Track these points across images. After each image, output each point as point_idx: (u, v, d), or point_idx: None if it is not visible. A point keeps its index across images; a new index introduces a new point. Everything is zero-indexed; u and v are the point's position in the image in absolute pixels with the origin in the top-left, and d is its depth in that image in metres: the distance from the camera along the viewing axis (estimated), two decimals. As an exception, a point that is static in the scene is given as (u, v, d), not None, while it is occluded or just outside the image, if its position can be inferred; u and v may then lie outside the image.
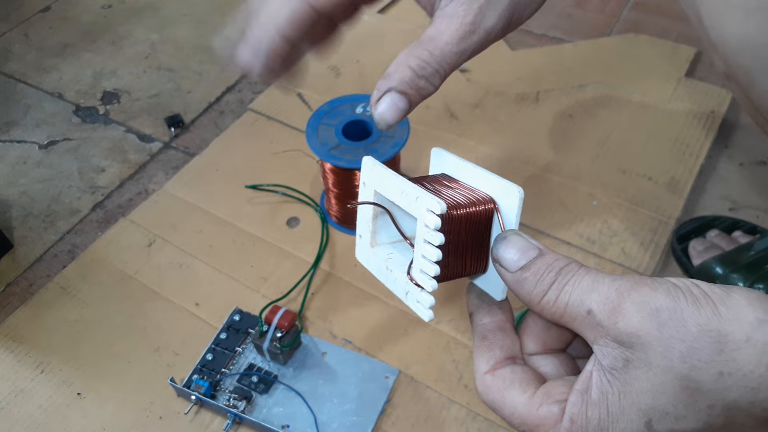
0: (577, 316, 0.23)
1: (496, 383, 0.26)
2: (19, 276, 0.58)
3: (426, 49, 0.29)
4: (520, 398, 0.25)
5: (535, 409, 0.25)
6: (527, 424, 0.25)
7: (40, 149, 0.70)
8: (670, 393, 0.22)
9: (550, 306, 0.24)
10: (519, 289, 0.25)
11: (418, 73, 0.29)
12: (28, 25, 0.88)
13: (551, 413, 0.24)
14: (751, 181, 0.63)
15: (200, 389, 0.47)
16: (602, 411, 0.23)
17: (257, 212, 0.61)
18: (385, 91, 0.30)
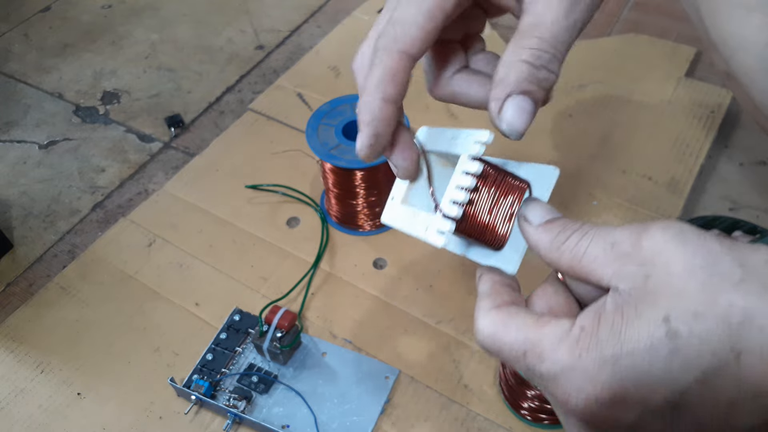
0: (599, 254, 0.24)
1: (501, 315, 0.26)
2: (19, 276, 0.58)
3: (534, 36, 0.27)
4: (527, 319, 0.25)
5: (542, 325, 0.24)
6: (531, 343, 0.24)
7: (40, 149, 0.70)
8: (690, 294, 0.22)
9: (570, 248, 0.25)
10: (540, 242, 0.26)
11: (535, 64, 0.27)
12: (28, 25, 0.88)
13: (560, 326, 0.24)
14: (751, 181, 0.63)
15: (200, 389, 0.47)
16: (616, 317, 0.23)
17: (257, 212, 0.61)
18: (504, 98, 0.28)
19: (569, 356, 0.23)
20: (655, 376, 0.22)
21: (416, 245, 0.58)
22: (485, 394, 0.48)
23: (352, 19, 0.83)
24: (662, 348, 0.22)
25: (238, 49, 0.82)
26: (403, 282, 0.55)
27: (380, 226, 0.59)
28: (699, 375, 0.21)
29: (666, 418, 0.22)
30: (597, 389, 0.22)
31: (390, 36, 0.28)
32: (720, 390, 0.22)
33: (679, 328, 0.22)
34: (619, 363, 0.22)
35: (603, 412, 0.23)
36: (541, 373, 0.24)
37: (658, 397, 0.22)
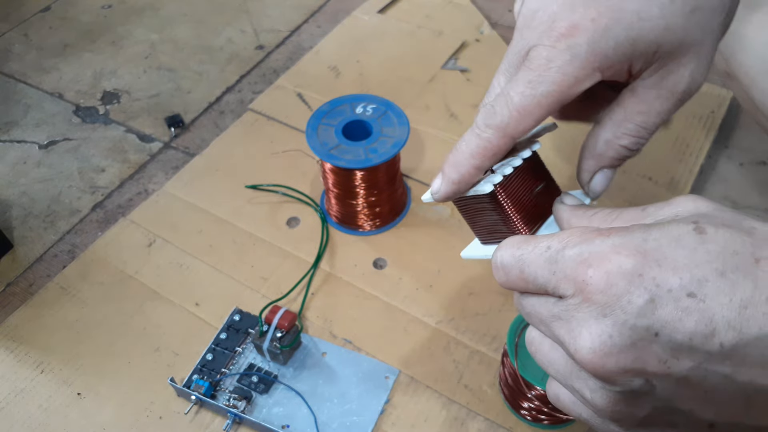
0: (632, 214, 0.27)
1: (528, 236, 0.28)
2: (19, 276, 0.58)
3: (638, 124, 0.29)
4: None
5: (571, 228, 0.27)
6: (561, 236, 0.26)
7: (40, 149, 0.70)
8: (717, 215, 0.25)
9: (601, 216, 0.27)
10: (570, 217, 0.29)
11: (631, 150, 0.30)
12: (28, 25, 0.88)
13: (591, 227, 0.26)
14: (751, 181, 0.63)
15: (200, 389, 0.47)
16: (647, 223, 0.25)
17: (257, 212, 0.61)
18: (596, 171, 0.31)
19: (598, 236, 0.24)
20: (678, 260, 0.23)
21: (416, 245, 0.58)
22: (485, 394, 0.48)
23: (352, 19, 0.83)
24: (689, 239, 0.23)
25: (238, 49, 0.82)
26: (403, 282, 0.55)
27: (380, 226, 0.59)
28: (719, 266, 0.22)
29: (679, 304, 0.22)
30: (621, 258, 0.23)
31: (502, 117, 0.29)
32: (736, 287, 0.22)
33: (706, 228, 0.23)
34: (647, 242, 0.23)
35: (622, 285, 0.23)
36: (565, 256, 0.25)
37: (677, 280, 0.22)
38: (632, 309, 0.23)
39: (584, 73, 0.27)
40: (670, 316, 0.22)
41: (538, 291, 0.26)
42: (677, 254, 0.23)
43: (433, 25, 0.82)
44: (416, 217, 0.60)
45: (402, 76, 0.74)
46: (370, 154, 0.52)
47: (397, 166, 0.57)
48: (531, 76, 0.28)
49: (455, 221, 0.59)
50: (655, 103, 0.28)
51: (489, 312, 0.52)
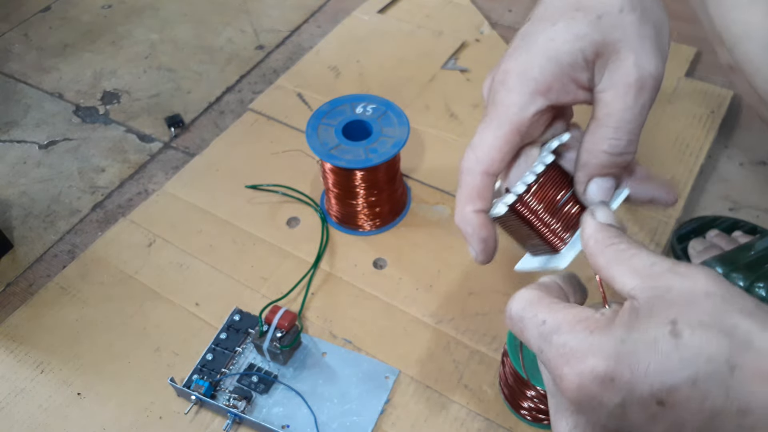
0: (638, 265, 0.26)
1: (541, 292, 0.29)
2: (19, 276, 0.58)
3: (609, 126, 0.30)
4: (560, 302, 0.28)
5: (570, 307, 0.27)
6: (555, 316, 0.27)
7: (40, 149, 0.70)
8: (701, 309, 0.23)
9: (617, 250, 0.27)
10: (595, 235, 0.29)
11: (613, 153, 0.31)
12: (28, 25, 0.88)
13: (585, 311, 0.27)
14: (751, 181, 0.63)
15: (200, 389, 0.47)
16: (632, 314, 0.25)
17: (257, 212, 0.61)
18: (587, 181, 0.32)
19: (583, 330, 0.25)
20: (651, 367, 0.23)
21: (416, 245, 0.58)
22: (485, 394, 0.48)
23: (352, 19, 0.83)
24: (664, 343, 0.23)
25: (238, 49, 0.82)
26: (403, 282, 0.55)
27: (380, 226, 0.59)
28: (691, 374, 0.22)
29: (648, 411, 0.23)
30: (595, 361, 0.24)
31: (471, 159, 0.32)
32: (707, 396, 0.22)
33: (683, 330, 0.23)
34: (624, 344, 0.24)
35: (593, 388, 0.24)
36: (551, 341, 0.26)
37: (647, 387, 0.23)
38: (603, 411, 0.24)
39: (524, 99, 0.30)
40: (640, 421, 0.24)
41: None
42: (651, 359, 0.23)
43: (433, 25, 0.82)
44: (416, 217, 0.60)
45: (402, 76, 0.74)
46: (370, 154, 0.52)
47: (397, 166, 0.57)
48: (484, 118, 0.32)
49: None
50: (616, 102, 0.29)
51: (489, 312, 0.52)
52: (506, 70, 0.31)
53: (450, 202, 0.61)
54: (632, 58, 0.29)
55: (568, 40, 0.29)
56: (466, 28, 0.81)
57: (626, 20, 0.29)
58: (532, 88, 0.30)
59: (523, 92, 0.30)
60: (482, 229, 0.32)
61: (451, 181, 0.63)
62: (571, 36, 0.29)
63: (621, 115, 0.29)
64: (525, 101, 0.30)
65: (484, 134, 0.32)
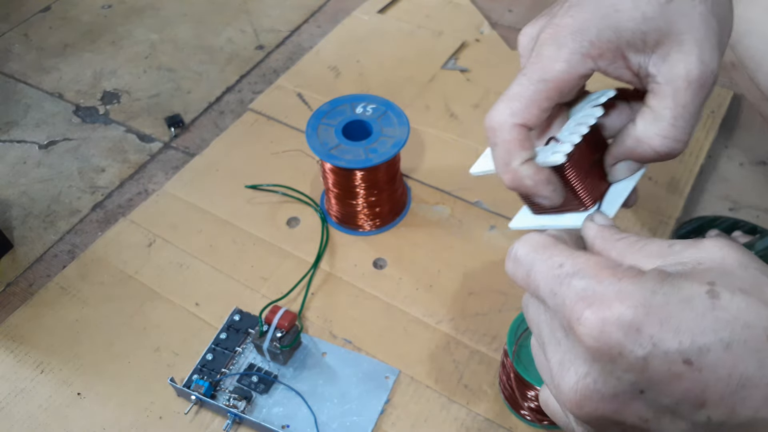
0: (654, 249, 0.25)
1: (553, 238, 0.27)
2: (19, 276, 0.58)
3: (664, 123, 0.29)
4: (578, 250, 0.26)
5: (592, 255, 0.25)
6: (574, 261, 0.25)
7: (40, 149, 0.70)
8: (739, 277, 0.22)
9: (627, 243, 0.26)
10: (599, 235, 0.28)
11: (661, 153, 0.29)
12: (28, 25, 0.88)
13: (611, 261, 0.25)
14: (751, 181, 0.63)
15: (200, 389, 0.47)
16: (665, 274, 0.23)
17: (257, 212, 0.61)
18: (616, 162, 0.31)
19: (610, 276, 0.23)
20: (682, 323, 0.21)
21: (416, 245, 0.58)
22: (485, 394, 0.48)
23: (352, 19, 0.83)
24: (700, 302, 0.22)
25: (238, 49, 0.82)
26: (403, 282, 0.55)
27: (380, 226, 0.59)
28: (726, 337, 0.21)
29: (673, 368, 0.21)
30: (623, 307, 0.22)
31: (505, 113, 0.30)
32: (739, 362, 0.21)
33: (722, 293, 0.22)
34: (655, 296, 0.22)
35: (617, 336, 0.22)
36: (570, 283, 0.24)
37: (676, 343, 0.21)
38: (622, 362, 0.22)
39: (575, 58, 0.29)
40: (661, 378, 0.22)
41: (537, 299, 0.26)
42: (683, 316, 0.22)
43: (433, 25, 0.82)
44: (416, 217, 0.60)
45: (402, 76, 0.74)
46: (370, 154, 0.52)
47: (397, 166, 0.57)
48: (526, 70, 0.30)
49: (455, 221, 0.59)
50: (677, 97, 0.28)
51: (489, 312, 0.52)
52: (560, 25, 0.29)
53: (450, 202, 0.61)
54: (697, 52, 0.28)
55: (635, 18, 0.28)
56: (466, 28, 0.81)
57: (696, 11, 0.28)
58: (585, 50, 0.29)
59: (574, 51, 0.29)
60: (540, 173, 0.30)
61: (451, 181, 0.63)
62: (639, 14, 0.28)
63: (680, 112, 0.28)
64: (575, 60, 0.29)
65: (524, 86, 0.29)
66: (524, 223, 0.33)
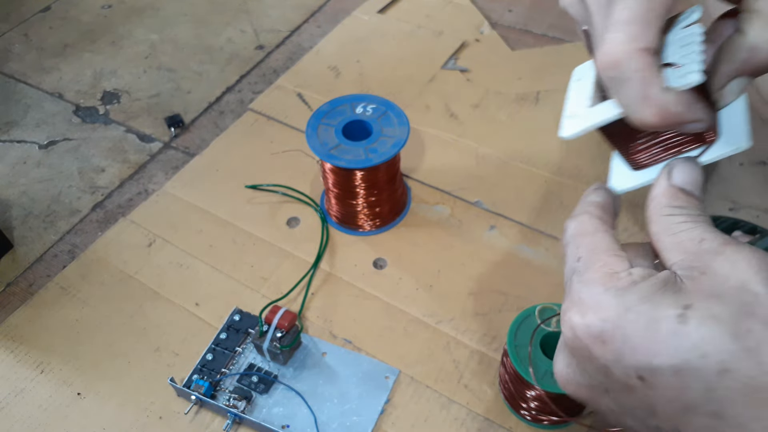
0: (685, 240, 0.25)
1: (594, 223, 0.29)
2: (19, 276, 0.58)
3: None
4: (608, 242, 0.28)
5: (607, 251, 0.27)
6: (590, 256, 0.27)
7: (40, 149, 0.70)
8: (723, 302, 0.22)
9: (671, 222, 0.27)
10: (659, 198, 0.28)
11: None
12: (28, 25, 0.88)
13: (617, 263, 0.26)
14: (751, 181, 0.63)
15: (200, 389, 0.47)
16: (655, 286, 0.24)
17: (257, 212, 0.61)
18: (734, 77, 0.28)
19: (600, 285, 0.25)
20: (642, 343, 0.23)
21: (416, 245, 0.58)
22: (485, 394, 0.48)
23: (352, 19, 0.83)
24: (666, 326, 0.23)
25: (238, 49, 0.82)
26: (403, 282, 0.55)
27: (380, 226, 0.59)
28: (678, 364, 0.22)
29: (628, 381, 0.24)
30: (594, 318, 0.24)
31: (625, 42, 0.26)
32: (687, 389, 0.22)
33: (691, 319, 0.22)
34: (627, 313, 0.24)
35: (586, 341, 0.25)
36: (573, 281, 0.26)
37: (633, 360, 0.23)
38: (591, 364, 0.25)
39: None
40: (620, 386, 0.24)
41: None
42: (646, 336, 0.23)
43: (433, 25, 0.82)
44: (416, 217, 0.60)
45: (402, 76, 0.74)
46: (370, 154, 0.52)
47: (397, 166, 0.57)
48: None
49: (455, 221, 0.59)
50: None
51: (489, 312, 0.52)
52: None
53: (450, 202, 0.61)
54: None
55: None
56: (466, 28, 0.81)
57: None
58: None
59: None
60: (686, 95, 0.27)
61: (451, 181, 0.63)
62: None
63: None
64: None
65: (634, 7, 0.26)
66: (630, 182, 0.30)
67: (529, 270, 0.55)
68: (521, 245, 0.57)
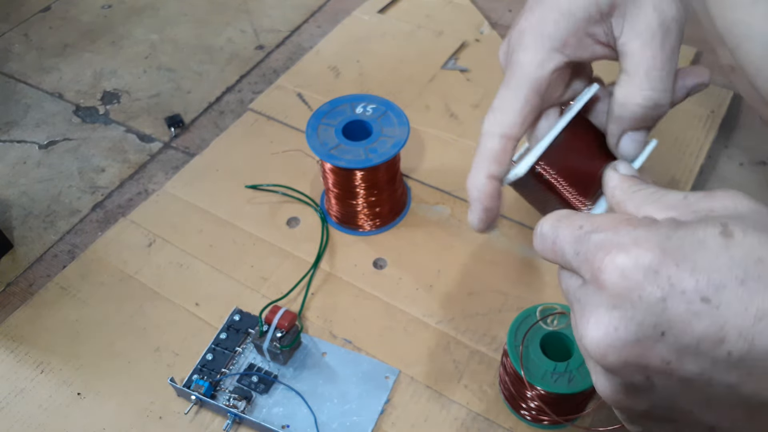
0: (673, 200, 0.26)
1: (571, 211, 0.28)
2: (19, 276, 0.58)
3: (640, 77, 0.29)
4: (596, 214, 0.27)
5: (607, 215, 0.26)
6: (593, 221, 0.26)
7: (40, 149, 0.70)
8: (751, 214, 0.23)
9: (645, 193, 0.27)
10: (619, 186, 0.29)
11: (648, 105, 0.30)
12: (28, 25, 0.88)
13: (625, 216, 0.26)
14: (751, 181, 0.63)
15: (200, 389, 0.47)
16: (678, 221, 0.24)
17: (257, 212, 0.61)
18: (620, 134, 0.31)
19: (626, 227, 0.24)
20: (698, 262, 0.22)
21: (416, 245, 0.58)
22: (485, 394, 0.48)
23: (352, 19, 0.83)
24: (713, 242, 0.22)
25: (238, 49, 0.82)
26: (403, 282, 0.55)
27: (380, 226, 0.59)
28: (740, 274, 0.21)
29: (691, 307, 0.22)
30: (640, 251, 0.23)
31: (492, 122, 0.32)
32: (755, 297, 0.21)
33: (734, 231, 0.22)
34: (670, 240, 0.23)
35: (636, 278, 0.23)
36: (590, 239, 0.25)
37: (693, 282, 0.22)
38: (642, 305, 0.23)
39: (541, 56, 0.30)
40: (680, 318, 0.22)
41: (566, 267, 0.27)
42: (698, 256, 0.22)
43: (433, 25, 0.82)
44: (416, 217, 0.60)
45: (402, 76, 0.74)
46: (370, 154, 0.52)
47: (397, 166, 0.57)
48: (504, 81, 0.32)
49: (455, 221, 0.59)
50: (644, 50, 0.29)
51: (489, 312, 0.52)
52: (521, 30, 0.31)
53: (450, 202, 0.61)
54: (650, 3, 0.28)
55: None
56: (466, 28, 0.81)
57: None
58: (548, 46, 0.30)
59: (539, 50, 0.30)
60: (488, 198, 0.32)
61: (451, 181, 0.63)
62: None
63: (651, 63, 0.29)
64: (542, 58, 0.30)
65: (504, 96, 0.31)
66: None
67: (529, 270, 0.55)
68: (521, 245, 0.57)
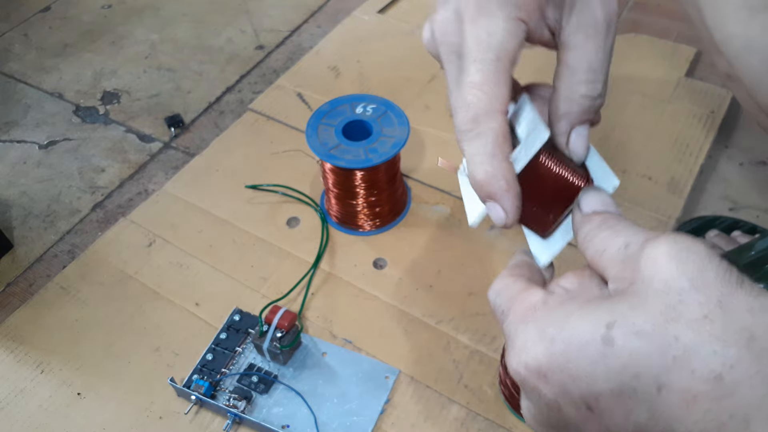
0: (613, 253, 0.25)
1: (507, 280, 0.29)
2: (19, 276, 0.58)
3: (584, 70, 0.29)
4: (520, 285, 0.28)
5: (524, 291, 0.28)
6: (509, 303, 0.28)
7: (40, 149, 0.70)
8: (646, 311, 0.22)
9: (597, 243, 0.26)
10: (579, 230, 0.28)
11: (593, 96, 0.30)
12: (28, 25, 0.88)
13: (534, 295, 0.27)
14: (751, 181, 0.63)
15: (200, 389, 0.47)
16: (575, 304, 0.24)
17: (257, 212, 0.61)
18: (569, 131, 0.30)
19: (522, 322, 0.26)
20: (578, 371, 0.23)
21: (416, 245, 0.58)
22: (485, 394, 0.48)
23: (352, 19, 0.83)
24: (593, 349, 0.22)
25: (238, 49, 0.82)
26: (403, 282, 0.55)
27: (380, 226, 0.59)
28: (616, 387, 0.22)
29: (579, 412, 0.23)
30: (528, 357, 0.24)
31: (483, 99, 0.28)
32: (632, 411, 0.22)
33: (616, 338, 0.22)
34: (554, 344, 0.23)
35: (529, 379, 0.24)
36: (504, 328, 0.27)
37: (576, 390, 0.23)
38: (542, 401, 0.25)
39: (510, 25, 0.28)
40: (574, 419, 0.24)
41: None
42: (579, 364, 0.23)
43: (433, 25, 0.81)
44: (416, 217, 0.60)
45: (402, 76, 0.74)
46: (370, 154, 0.52)
47: (397, 166, 0.57)
48: (470, 54, 0.29)
49: (455, 221, 0.59)
50: (589, 44, 0.29)
51: (489, 312, 0.52)
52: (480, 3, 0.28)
53: (450, 202, 0.61)
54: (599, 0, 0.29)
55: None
56: (466, 28, 0.81)
57: None
58: (514, 14, 0.28)
59: (508, 17, 0.28)
60: (516, 182, 0.29)
61: (451, 181, 0.63)
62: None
63: (595, 56, 0.29)
64: (512, 27, 0.28)
65: (484, 67, 0.28)
66: (549, 253, 0.32)
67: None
68: (521, 245, 0.57)
